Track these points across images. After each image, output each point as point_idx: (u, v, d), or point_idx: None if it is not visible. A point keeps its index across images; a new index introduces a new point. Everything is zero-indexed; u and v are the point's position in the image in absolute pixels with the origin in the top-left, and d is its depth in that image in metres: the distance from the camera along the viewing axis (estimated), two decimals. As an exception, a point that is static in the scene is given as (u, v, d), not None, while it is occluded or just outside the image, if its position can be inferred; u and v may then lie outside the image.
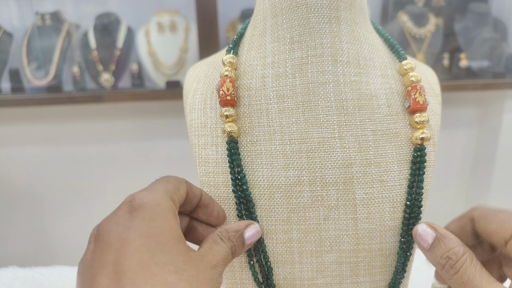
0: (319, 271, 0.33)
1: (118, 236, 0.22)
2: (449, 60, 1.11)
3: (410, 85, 0.33)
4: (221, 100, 0.33)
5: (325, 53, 0.33)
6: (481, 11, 1.10)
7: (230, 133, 0.32)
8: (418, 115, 0.32)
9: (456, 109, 1.21)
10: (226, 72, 0.34)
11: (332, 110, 0.33)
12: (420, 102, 0.32)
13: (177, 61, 1.09)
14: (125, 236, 0.22)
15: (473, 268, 0.26)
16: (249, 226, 0.30)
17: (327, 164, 0.32)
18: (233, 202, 0.33)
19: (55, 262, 0.80)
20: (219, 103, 0.33)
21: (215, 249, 0.26)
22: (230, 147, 0.33)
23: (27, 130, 1.17)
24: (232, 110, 0.33)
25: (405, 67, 0.34)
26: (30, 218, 1.25)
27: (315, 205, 0.32)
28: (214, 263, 0.25)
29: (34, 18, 1.09)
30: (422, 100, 0.32)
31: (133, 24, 1.13)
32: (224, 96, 0.32)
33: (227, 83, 0.33)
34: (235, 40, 0.37)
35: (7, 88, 1.09)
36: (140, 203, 0.24)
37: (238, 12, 1.10)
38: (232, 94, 0.33)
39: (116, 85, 1.10)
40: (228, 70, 0.34)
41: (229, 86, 0.33)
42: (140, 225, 0.23)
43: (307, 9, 0.32)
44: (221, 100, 0.33)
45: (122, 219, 0.23)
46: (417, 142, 0.32)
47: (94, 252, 0.23)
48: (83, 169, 1.20)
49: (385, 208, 0.32)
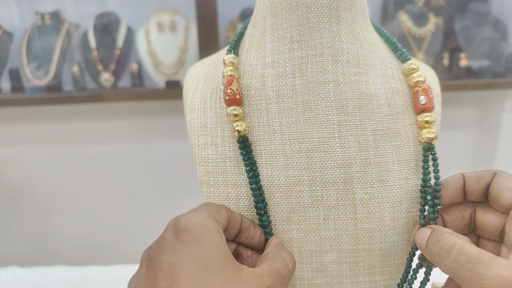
0: (319, 271, 0.33)
1: (168, 262, 0.22)
2: (449, 60, 1.11)
3: (415, 85, 0.33)
4: (229, 99, 0.33)
5: (325, 53, 0.33)
6: (481, 10, 1.10)
7: (240, 132, 0.32)
8: (428, 115, 0.32)
9: (456, 109, 1.21)
10: (231, 72, 0.34)
11: (332, 110, 0.33)
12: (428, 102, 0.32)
13: (177, 61, 1.09)
14: (175, 261, 0.22)
15: (469, 248, 0.25)
16: None
17: (327, 164, 0.32)
18: (233, 201, 0.33)
19: (55, 262, 0.80)
20: (225, 102, 0.33)
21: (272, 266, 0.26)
22: (243, 145, 0.32)
23: (27, 129, 1.17)
24: (240, 109, 0.33)
25: (409, 68, 0.34)
26: (30, 218, 1.25)
27: (315, 205, 0.32)
28: (269, 284, 0.25)
29: (34, 18, 1.09)
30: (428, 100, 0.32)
31: (133, 23, 1.13)
32: (234, 95, 0.32)
33: (235, 83, 0.33)
34: (235, 40, 0.37)
35: (7, 87, 1.09)
36: (186, 225, 0.24)
37: (238, 12, 1.10)
38: (240, 94, 0.33)
39: (116, 85, 1.10)
40: (232, 70, 0.34)
41: (237, 86, 0.33)
42: (188, 249, 0.23)
43: (307, 9, 0.32)
44: (230, 99, 0.33)
45: (170, 243, 0.23)
46: (426, 141, 0.32)
47: (146, 277, 0.23)
48: (83, 168, 1.20)
49: (385, 208, 0.32)
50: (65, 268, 0.76)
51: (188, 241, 0.23)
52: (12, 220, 1.24)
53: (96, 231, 1.24)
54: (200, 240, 0.23)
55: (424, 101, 0.32)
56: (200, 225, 0.24)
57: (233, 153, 0.34)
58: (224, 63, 0.35)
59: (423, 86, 0.33)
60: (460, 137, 1.24)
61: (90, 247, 1.26)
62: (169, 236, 0.24)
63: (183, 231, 0.23)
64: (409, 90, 0.34)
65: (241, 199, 0.33)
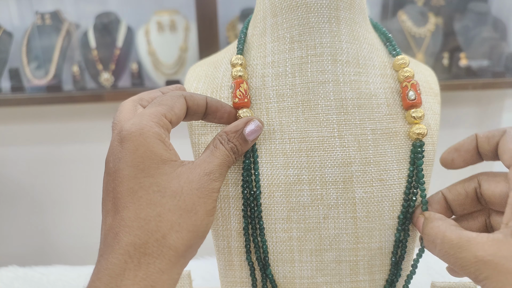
0: (318, 270, 0.33)
1: (114, 167, 0.26)
2: (449, 60, 1.11)
3: (404, 80, 0.33)
4: (238, 101, 0.32)
5: (325, 53, 0.33)
6: (480, 10, 1.10)
7: None
8: (414, 111, 0.32)
9: (456, 109, 1.21)
10: (240, 73, 0.33)
11: (332, 109, 0.33)
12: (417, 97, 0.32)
13: (176, 61, 1.09)
14: (118, 167, 0.26)
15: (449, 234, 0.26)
16: (249, 123, 0.31)
17: (326, 163, 0.32)
18: (233, 201, 0.33)
19: (55, 262, 0.80)
20: (234, 105, 0.33)
21: (213, 155, 0.29)
22: (249, 149, 0.32)
23: (27, 129, 1.17)
24: (249, 111, 0.33)
25: (398, 62, 0.34)
26: (30, 218, 1.25)
27: (315, 204, 0.32)
28: (208, 170, 0.28)
29: (34, 18, 1.09)
30: (416, 96, 0.32)
31: (133, 23, 1.13)
32: (242, 99, 0.32)
33: (244, 85, 0.33)
34: (243, 40, 0.37)
35: (7, 87, 1.09)
36: (126, 135, 0.26)
37: (238, 11, 1.10)
38: (249, 96, 0.33)
39: (116, 85, 1.10)
40: (241, 71, 0.34)
41: (246, 88, 0.33)
42: (127, 155, 0.26)
43: (306, 9, 0.33)
44: (239, 102, 0.32)
45: (116, 150, 0.27)
46: (414, 137, 0.32)
47: (104, 178, 0.27)
48: (83, 168, 1.20)
49: (385, 207, 0.32)
50: (65, 268, 0.76)
51: (127, 148, 0.26)
52: (12, 220, 1.24)
53: (96, 231, 1.24)
54: (137, 149, 0.26)
55: (413, 96, 0.32)
56: (139, 134, 0.26)
57: (233, 152, 0.34)
58: (232, 64, 0.34)
59: (411, 81, 0.33)
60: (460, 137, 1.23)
61: (90, 247, 1.26)
62: (115, 144, 0.27)
63: (124, 141, 0.26)
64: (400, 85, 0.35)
65: (241, 199, 0.33)
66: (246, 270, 0.34)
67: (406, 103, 0.33)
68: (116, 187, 0.26)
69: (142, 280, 0.24)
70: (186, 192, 0.26)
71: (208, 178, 0.27)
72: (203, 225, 0.27)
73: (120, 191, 0.26)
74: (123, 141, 0.26)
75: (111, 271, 0.24)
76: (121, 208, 0.25)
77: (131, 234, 0.24)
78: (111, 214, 0.26)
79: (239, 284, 0.34)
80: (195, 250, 0.28)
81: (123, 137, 0.26)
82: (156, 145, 0.26)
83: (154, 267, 0.24)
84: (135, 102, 0.31)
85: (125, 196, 0.25)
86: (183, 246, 0.25)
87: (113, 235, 0.25)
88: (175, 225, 0.25)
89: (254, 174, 0.33)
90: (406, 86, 0.33)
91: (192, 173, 0.27)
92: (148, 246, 0.24)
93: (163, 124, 0.28)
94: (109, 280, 0.24)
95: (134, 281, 0.24)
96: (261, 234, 0.33)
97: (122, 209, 0.25)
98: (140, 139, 0.26)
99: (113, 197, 0.26)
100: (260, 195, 0.33)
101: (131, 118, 0.28)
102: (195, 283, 0.56)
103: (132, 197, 0.25)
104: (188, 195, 0.26)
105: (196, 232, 0.26)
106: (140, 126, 0.26)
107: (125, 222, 0.25)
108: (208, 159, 0.28)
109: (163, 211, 0.25)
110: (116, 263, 0.24)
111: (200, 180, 0.27)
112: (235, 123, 0.31)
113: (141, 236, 0.24)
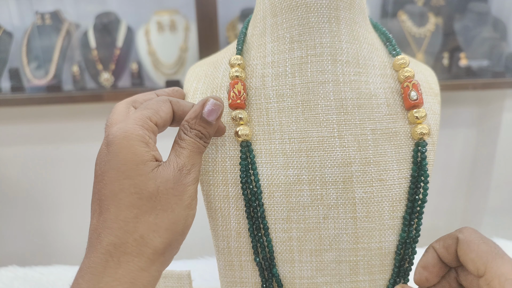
0: (318, 270, 0.33)
1: (101, 170, 0.28)
2: (449, 60, 1.11)
3: (405, 80, 0.33)
4: (232, 102, 0.32)
5: (325, 53, 0.33)
6: (480, 10, 1.10)
7: (243, 136, 0.32)
8: (417, 111, 0.32)
9: (456, 109, 1.21)
10: (237, 73, 0.33)
11: (332, 109, 0.33)
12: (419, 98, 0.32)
13: (176, 61, 1.09)
14: (103, 169, 0.27)
15: None
16: (205, 104, 0.30)
17: (326, 163, 0.32)
18: (232, 201, 0.33)
19: (55, 262, 0.80)
20: (229, 106, 0.33)
21: (181, 147, 0.29)
22: (245, 150, 0.33)
23: (27, 129, 1.17)
24: (244, 113, 0.33)
25: (398, 62, 0.34)
26: (30, 218, 1.25)
27: (315, 204, 0.32)
28: (180, 165, 0.29)
29: (34, 18, 1.09)
30: (418, 96, 0.32)
31: (133, 23, 1.13)
32: (235, 100, 0.32)
33: (238, 86, 0.33)
34: (242, 40, 0.37)
35: (7, 87, 1.09)
36: (112, 139, 0.27)
37: (238, 11, 1.10)
38: (243, 97, 0.33)
39: (116, 85, 1.10)
40: (238, 71, 0.34)
41: (240, 88, 0.33)
42: (112, 159, 0.27)
43: (306, 9, 0.33)
44: (232, 103, 0.33)
45: (103, 154, 0.28)
46: (418, 137, 0.32)
47: (94, 180, 0.28)
48: (83, 168, 1.20)
49: (384, 207, 0.32)
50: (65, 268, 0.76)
51: (113, 152, 0.27)
52: (12, 219, 1.24)
53: (96, 231, 1.24)
54: (120, 151, 0.27)
55: (415, 97, 0.32)
56: (123, 137, 0.27)
57: (233, 152, 0.34)
58: (230, 65, 0.34)
59: (413, 81, 0.33)
60: (459, 137, 1.24)
61: (90, 247, 1.26)
62: (103, 148, 0.28)
63: (110, 144, 0.27)
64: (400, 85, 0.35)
65: (241, 198, 0.33)
66: (246, 270, 0.34)
67: (408, 103, 0.33)
68: (101, 189, 0.27)
69: (122, 277, 0.25)
70: (162, 192, 0.27)
71: (181, 174, 0.28)
72: (181, 221, 0.28)
73: (104, 193, 0.27)
74: (109, 144, 0.27)
75: (93, 269, 0.25)
76: (104, 209, 0.27)
77: (112, 235, 0.26)
78: (96, 215, 0.27)
79: (239, 284, 0.34)
80: (176, 248, 0.29)
81: (109, 141, 0.27)
82: (138, 147, 0.27)
83: (133, 265, 0.26)
84: (129, 104, 0.32)
85: (108, 198, 0.27)
86: (161, 245, 0.27)
87: (96, 236, 0.26)
88: (152, 225, 0.27)
89: (253, 174, 0.33)
90: (407, 86, 0.33)
91: (166, 172, 0.28)
92: (128, 246, 0.26)
93: (147, 127, 0.28)
94: (91, 277, 0.25)
95: (115, 278, 0.25)
96: (266, 234, 0.33)
97: (105, 210, 0.27)
98: (124, 142, 0.27)
99: (98, 198, 0.27)
100: (261, 194, 0.33)
101: (119, 123, 0.29)
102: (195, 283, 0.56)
103: (113, 199, 0.26)
104: (163, 195, 0.27)
105: (174, 230, 0.27)
106: (124, 129, 0.27)
107: (107, 223, 0.26)
108: (177, 153, 0.29)
109: (140, 212, 0.26)
110: (98, 262, 0.26)
111: (174, 177, 0.28)
112: (193, 109, 0.31)
113: (121, 236, 0.26)
